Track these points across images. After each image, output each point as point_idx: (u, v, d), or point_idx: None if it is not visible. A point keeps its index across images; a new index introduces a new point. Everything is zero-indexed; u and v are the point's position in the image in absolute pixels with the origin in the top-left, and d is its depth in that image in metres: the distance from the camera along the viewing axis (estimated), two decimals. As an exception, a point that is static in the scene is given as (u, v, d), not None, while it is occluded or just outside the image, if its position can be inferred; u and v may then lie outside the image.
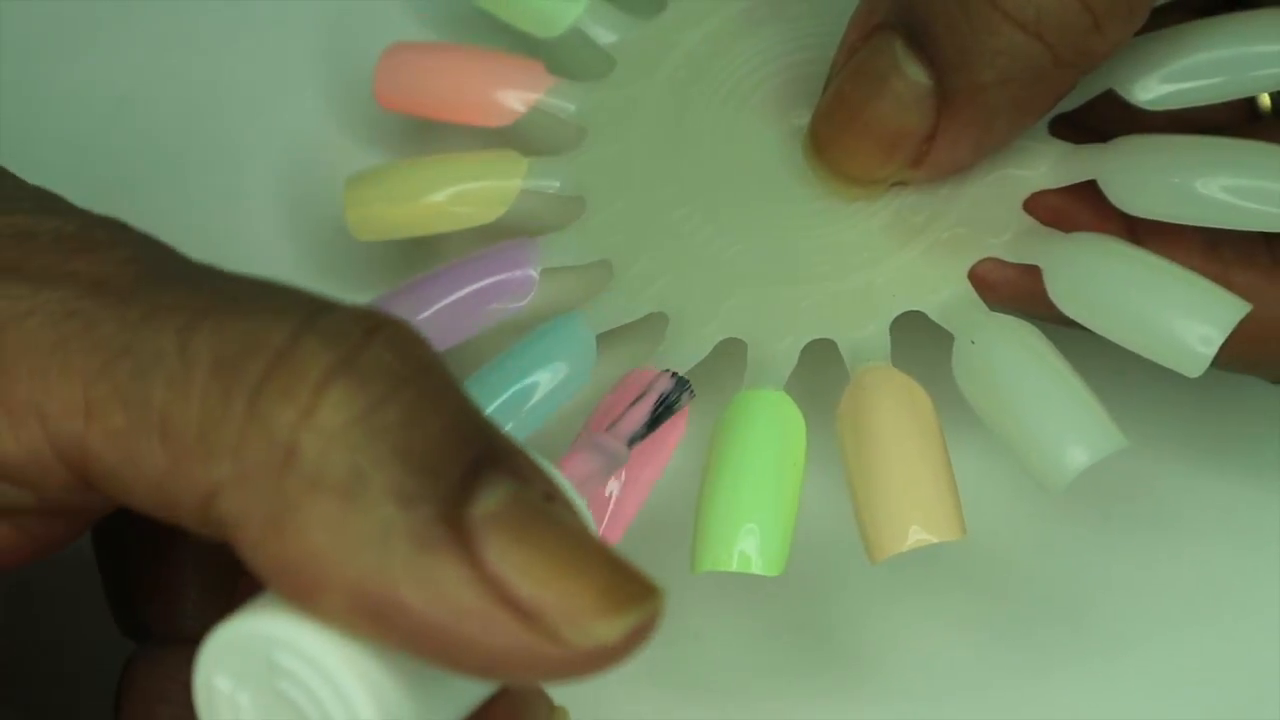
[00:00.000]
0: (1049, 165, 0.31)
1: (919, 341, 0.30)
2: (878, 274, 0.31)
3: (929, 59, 0.29)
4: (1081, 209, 0.31)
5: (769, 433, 0.29)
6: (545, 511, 0.21)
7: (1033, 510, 0.32)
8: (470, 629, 0.20)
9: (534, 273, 0.32)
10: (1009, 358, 0.29)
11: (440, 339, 0.31)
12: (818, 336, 0.30)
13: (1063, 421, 0.28)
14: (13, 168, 0.37)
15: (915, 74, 0.29)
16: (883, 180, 0.31)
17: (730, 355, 0.31)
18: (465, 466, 0.21)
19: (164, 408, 0.21)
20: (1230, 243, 0.30)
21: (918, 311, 0.30)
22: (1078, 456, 0.28)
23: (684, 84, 0.34)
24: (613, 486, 0.29)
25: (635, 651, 0.20)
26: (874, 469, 0.28)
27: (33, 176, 0.37)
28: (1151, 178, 0.29)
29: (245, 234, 0.36)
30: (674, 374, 0.29)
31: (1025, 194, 0.31)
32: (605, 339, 0.31)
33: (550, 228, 0.33)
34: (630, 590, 0.20)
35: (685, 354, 0.30)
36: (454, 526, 0.20)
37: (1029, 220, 0.30)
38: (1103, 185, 0.30)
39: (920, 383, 0.29)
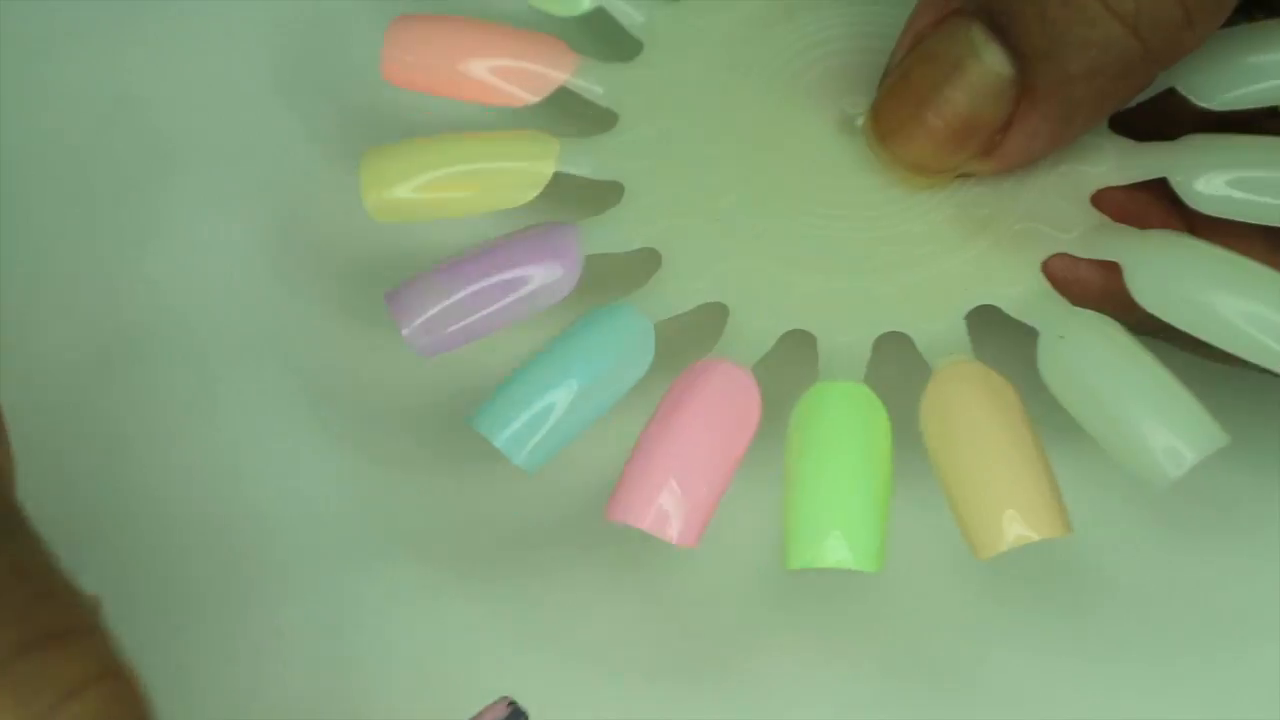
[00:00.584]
0: (1113, 161, 0.30)
1: (980, 338, 0.29)
2: (947, 266, 0.30)
3: (1012, 47, 0.28)
4: (1148, 206, 0.30)
5: (855, 424, 0.28)
6: None
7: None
8: None
9: (578, 259, 0.30)
10: (1102, 354, 0.28)
11: (477, 328, 0.30)
12: (891, 329, 0.29)
13: (1164, 419, 0.27)
14: (13, 167, 0.37)
15: (995, 62, 0.28)
16: (949, 170, 0.30)
17: (788, 349, 0.30)
18: None
19: None
20: None
21: (982, 308, 0.29)
22: (1183, 455, 0.27)
23: (721, 68, 0.33)
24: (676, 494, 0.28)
25: None
26: (970, 466, 0.28)
27: (33, 176, 0.37)
28: (1221, 178, 0.29)
29: (245, 234, 0.36)
30: (511, 702, 0.27)
31: (1092, 189, 0.30)
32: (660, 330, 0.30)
33: (582, 212, 0.31)
34: None
35: (748, 347, 0.29)
36: None
37: (1098, 216, 0.30)
38: (1174, 184, 0.29)
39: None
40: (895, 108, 0.30)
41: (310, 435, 0.33)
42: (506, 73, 0.33)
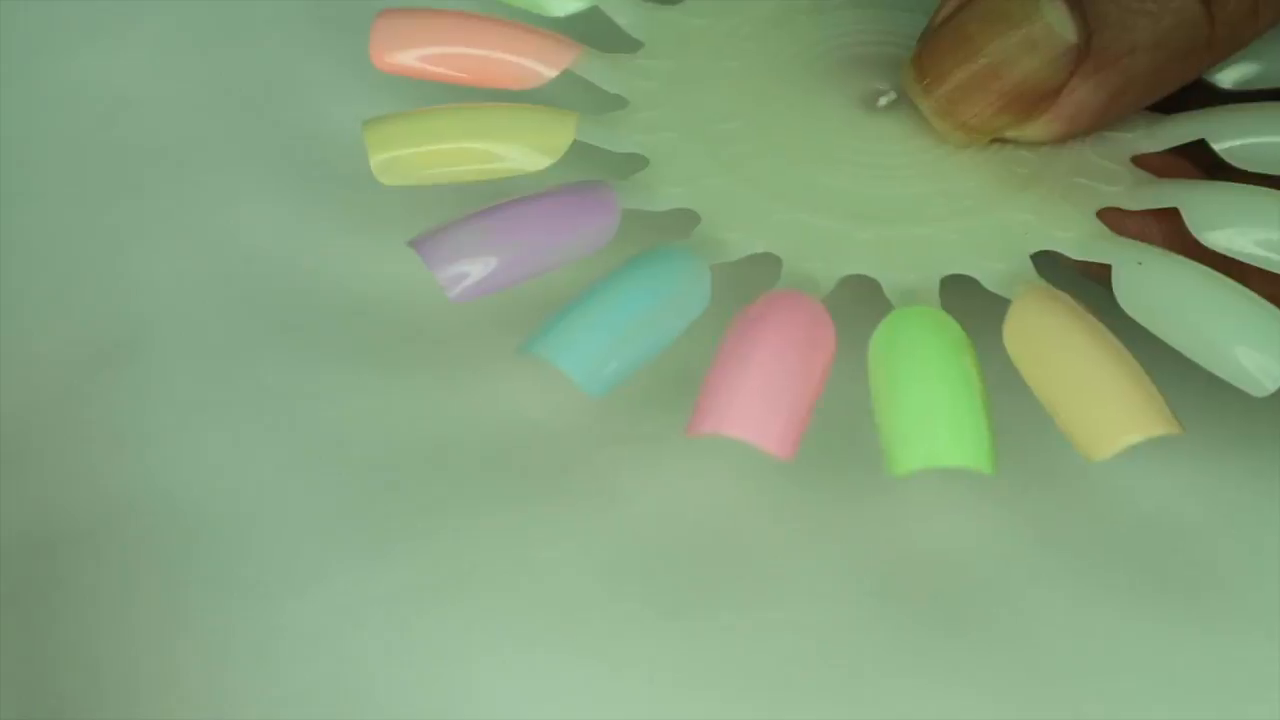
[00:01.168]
0: (1145, 129, 0.30)
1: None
2: (1002, 216, 0.30)
3: (1081, 10, 0.28)
4: (1187, 171, 0.30)
5: (943, 338, 0.28)
6: None
7: (1033, 511, 0.32)
8: None
9: (616, 209, 0.29)
10: (1185, 275, 0.28)
11: (513, 269, 0.29)
12: (957, 270, 0.29)
13: (1259, 329, 0.27)
14: (13, 167, 0.37)
15: (1062, 26, 0.28)
16: (989, 131, 0.30)
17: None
18: None
19: None
20: None
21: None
22: (1274, 371, 0.27)
23: (728, 58, 0.32)
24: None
25: None
26: (1071, 374, 0.27)
27: (32, 176, 0.37)
28: (1259, 139, 0.29)
29: (245, 234, 0.36)
30: None
31: (1130, 153, 0.30)
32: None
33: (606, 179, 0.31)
34: None
35: (805, 290, 0.29)
36: None
37: (1143, 173, 0.30)
38: (1213, 144, 0.29)
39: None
40: (944, 55, 0.29)
41: (303, 439, 0.33)
42: (508, 65, 0.32)
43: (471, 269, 0.29)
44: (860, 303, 0.29)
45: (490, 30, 0.32)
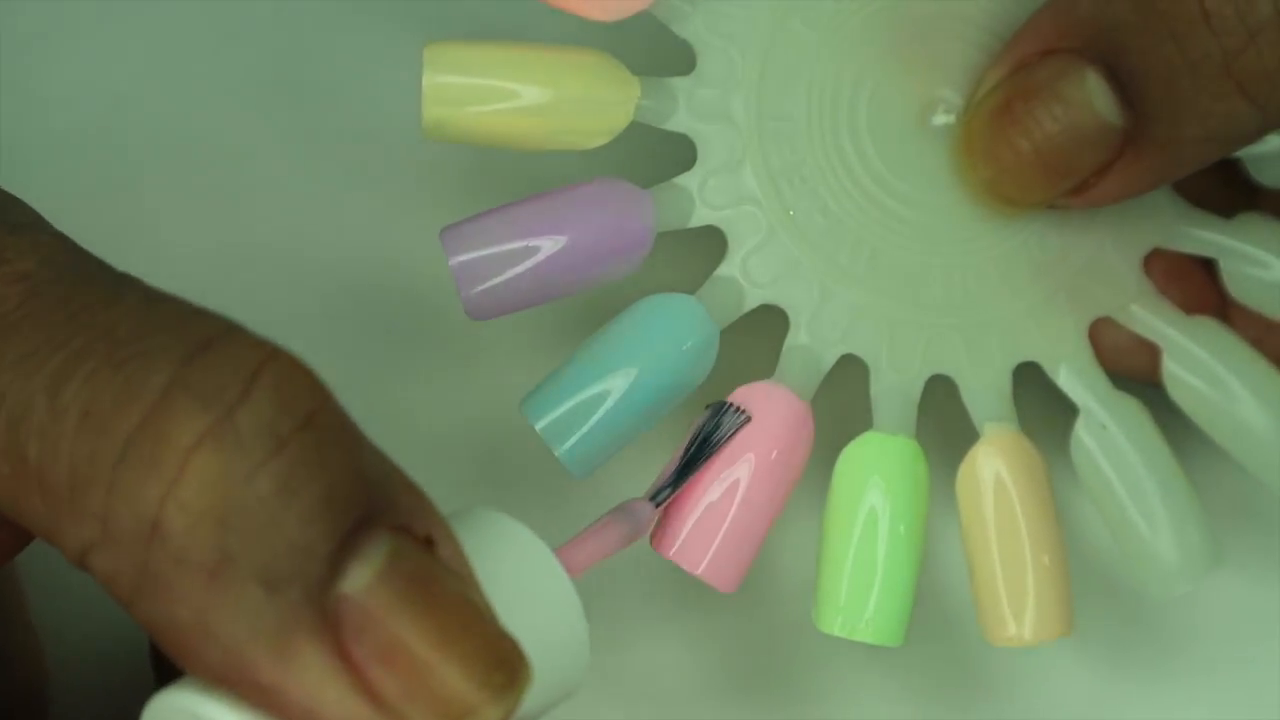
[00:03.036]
0: (1170, 223, 0.31)
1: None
2: (1002, 311, 0.30)
3: (1129, 102, 0.28)
4: (1192, 273, 0.31)
5: (905, 488, 0.29)
6: (424, 576, 0.20)
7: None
8: (329, 715, 0.20)
9: (650, 233, 0.29)
10: (1134, 460, 0.29)
11: (528, 293, 0.29)
12: (940, 372, 0.30)
13: (1172, 539, 0.29)
14: (12, 167, 0.37)
15: (1107, 111, 0.28)
16: (1036, 205, 0.30)
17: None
18: (340, 536, 0.20)
19: (38, 461, 0.20)
20: None
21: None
22: (1183, 580, 0.28)
23: (808, 21, 0.31)
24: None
25: None
26: (992, 558, 0.29)
27: (32, 176, 0.37)
28: (1268, 275, 0.30)
29: (246, 234, 0.36)
30: (712, 405, 0.28)
31: (1146, 249, 0.30)
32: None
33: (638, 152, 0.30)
34: (500, 679, 0.20)
35: (804, 367, 0.29)
36: (320, 612, 0.20)
37: (1147, 284, 0.30)
38: (1222, 269, 0.30)
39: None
40: (992, 137, 0.29)
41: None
42: None
43: (497, 294, 0.28)
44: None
45: None
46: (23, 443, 0.20)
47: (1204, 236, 0.30)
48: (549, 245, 0.28)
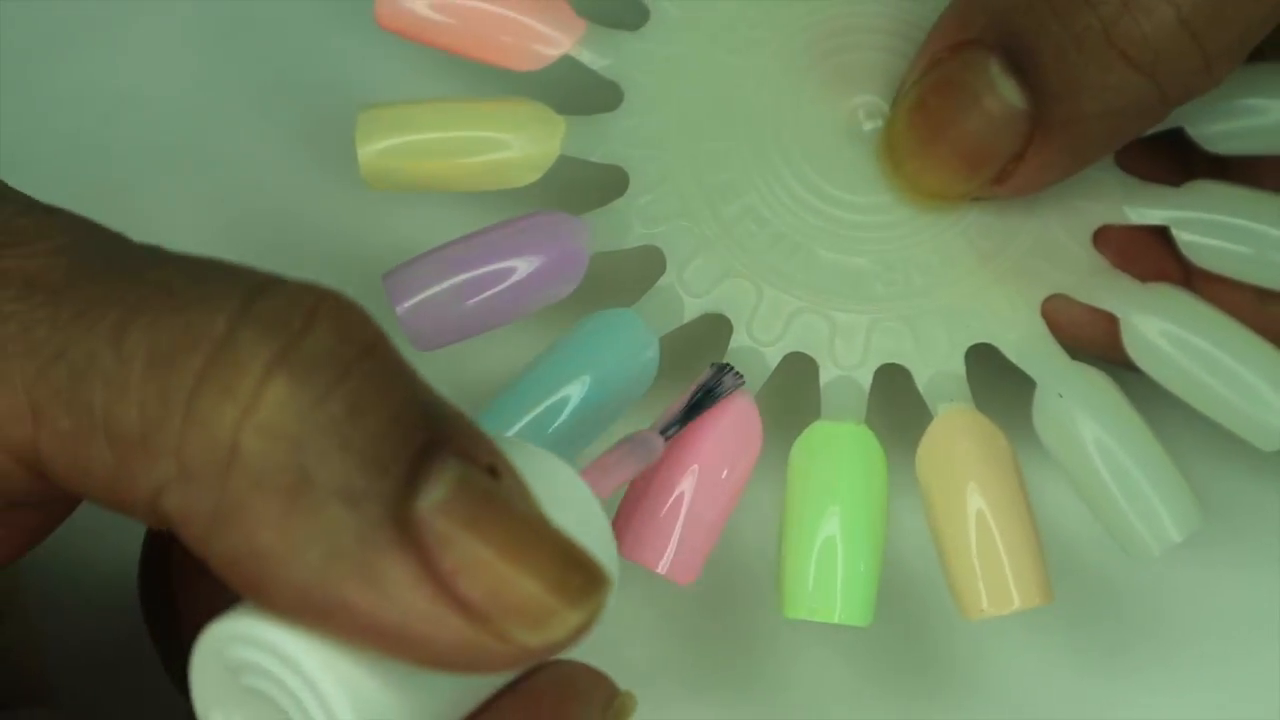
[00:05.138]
0: (1118, 198, 0.31)
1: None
2: (950, 299, 0.30)
3: (1029, 84, 0.28)
4: (1148, 248, 0.31)
5: (854, 473, 0.29)
6: (493, 496, 0.21)
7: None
8: (419, 629, 0.20)
9: (584, 259, 0.30)
10: (1095, 423, 0.29)
11: (473, 325, 0.30)
12: (892, 361, 0.30)
13: (1151, 497, 0.28)
14: (13, 167, 0.37)
15: (1011, 96, 0.29)
16: (960, 197, 0.30)
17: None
18: (413, 455, 0.20)
19: (105, 409, 0.20)
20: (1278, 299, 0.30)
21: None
22: (1167, 534, 0.28)
23: (731, 45, 0.32)
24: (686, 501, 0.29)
25: (583, 638, 0.21)
26: (960, 531, 0.28)
27: (32, 176, 0.37)
28: (1223, 235, 0.30)
29: (246, 233, 0.36)
30: (715, 364, 0.28)
31: (1094, 227, 0.31)
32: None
33: (577, 190, 0.31)
34: (579, 583, 0.21)
35: (750, 366, 0.30)
36: (402, 524, 0.20)
37: (1099, 259, 0.30)
38: (1175, 235, 0.30)
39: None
40: (911, 134, 0.30)
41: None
42: (512, 30, 0.31)
43: (439, 327, 0.29)
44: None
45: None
46: (87, 394, 0.20)
47: (1151, 210, 0.30)
48: (489, 279, 0.29)
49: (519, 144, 0.31)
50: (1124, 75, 0.28)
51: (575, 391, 0.29)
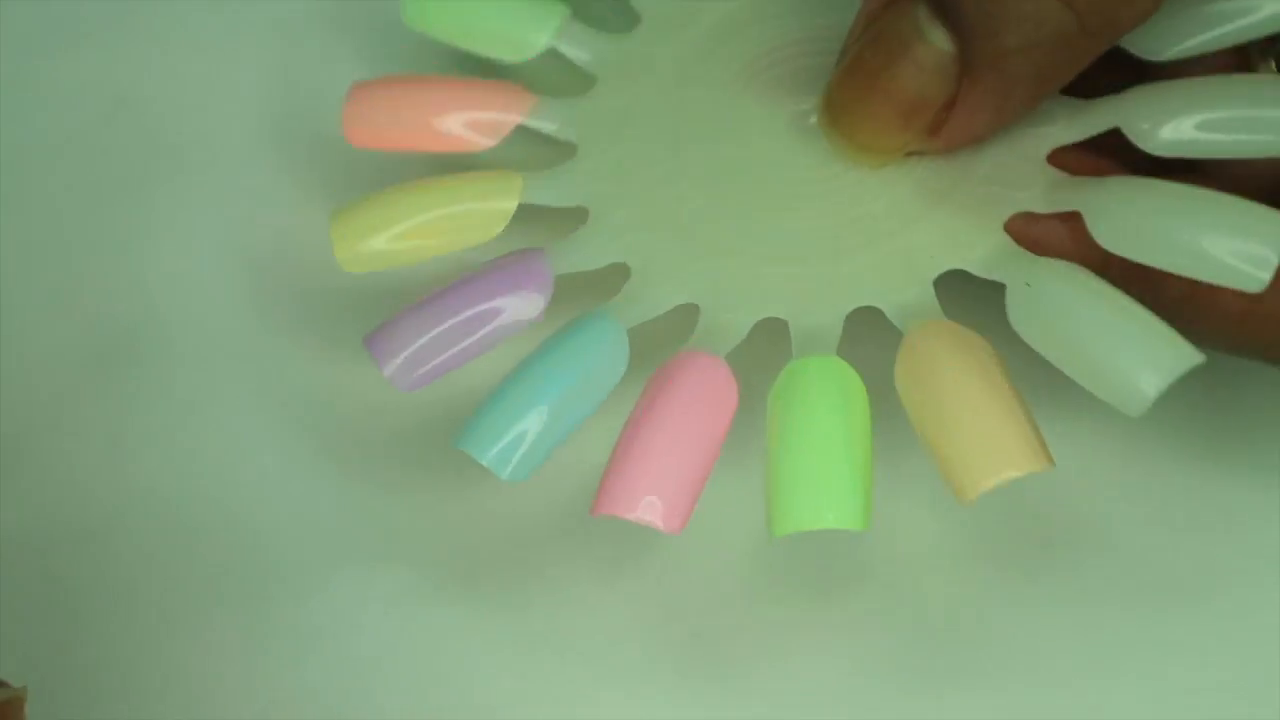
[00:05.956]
0: (1064, 120, 0.31)
1: (955, 313, 0.30)
2: (911, 239, 0.30)
3: (953, 25, 0.29)
4: (1103, 166, 0.31)
5: (831, 392, 0.29)
6: None
7: (1028, 511, 0.32)
8: None
9: (548, 282, 0.31)
10: (1068, 293, 0.29)
11: (456, 360, 0.31)
12: (861, 304, 0.30)
13: (1135, 347, 0.28)
14: (12, 167, 0.37)
15: (938, 40, 0.29)
16: (898, 149, 0.31)
17: (764, 343, 0.30)
18: None
19: None
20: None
21: (951, 279, 0.30)
22: (1154, 379, 0.27)
23: (673, 86, 0.34)
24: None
25: None
26: (945, 412, 0.28)
27: (32, 176, 0.37)
28: (1170, 122, 0.30)
29: (246, 233, 0.36)
30: None
31: (1047, 149, 0.31)
32: (634, 335, 0.31)
33: (553, 237, 0.32)
34: None
35: (720, 339, 0.30)
36: None
37: (1056, 173, 0.30)
38: (1127, 131, 0.30)
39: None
40: (845, 89, 0.30)
41: (305, 439, 0.33)
42: (466, 124, 0.33)
43: (418, 364, 0.30)
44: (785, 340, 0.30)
45: (447, 95, 0.34)
46: None
47: (1098, 114, 0.31)
48: (465, 326, 0.30)
49: (479, 207, 0.32)
50: (1040, 3, 0.28)
51: (551, 391, 0.29)
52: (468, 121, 0.33)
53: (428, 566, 0.32)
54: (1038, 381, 0.29)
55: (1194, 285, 0.29)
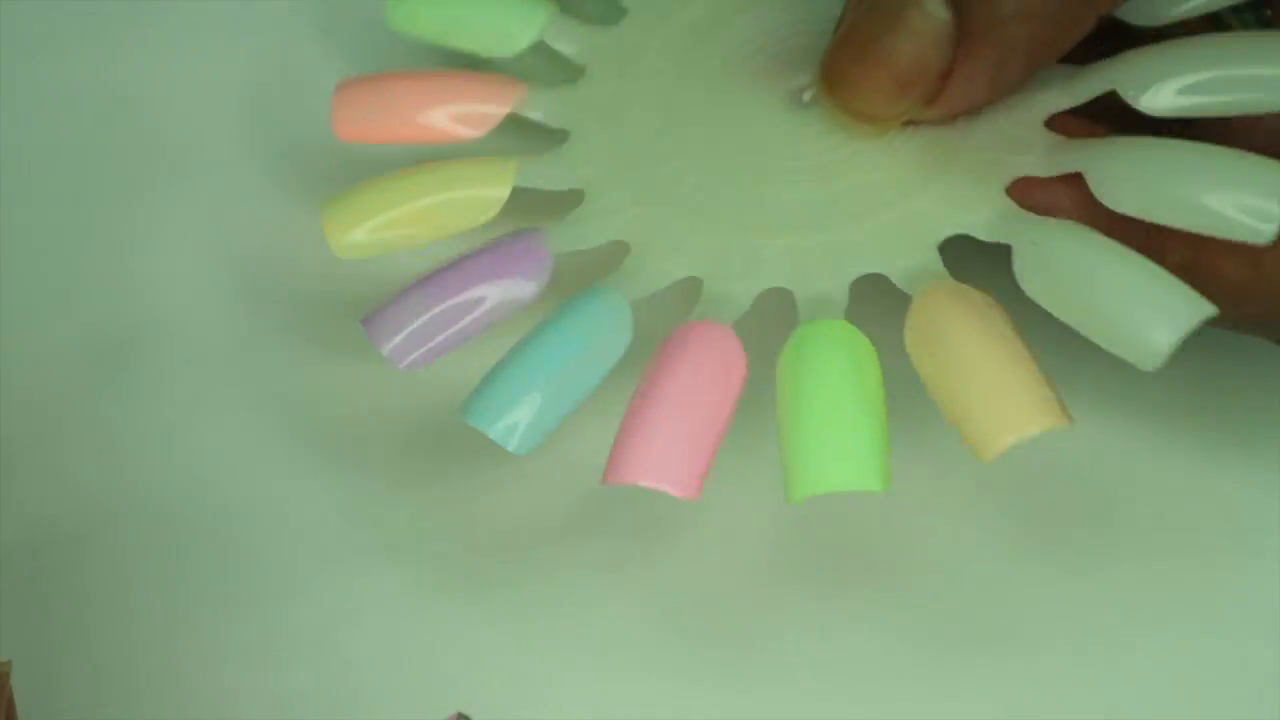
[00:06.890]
0: (1060, 85, 0.31)
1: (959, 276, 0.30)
2: (914, 206, 0.30)
3: None
4: (1099, 126, 0.31)
5: (841, 354, 0.28)
6: None
7: (1029, 509, 0.32)
8: None
9: (547, 261, 0.31)
10: (1075, 250, 0.28)
11: (455, 339, 0.31)
12: (866, 271, 0.30)
13: (1147, 300, 0.28)
14: (13, 167, 0.37)
15: (935, 8, 0.29)
16: (895, 118, 0.31)
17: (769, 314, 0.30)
18: None
19: None
20: None
21: (956, 246, 0.30)
22: (1168, 332, 0.27)
23: (664, 74, 0.34)
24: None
25: None
26: (965, 372, 0.28)
27: (32, 176, 0.37)
28: (1167, 83, 0.30)
29: (246, 234, 0.36)
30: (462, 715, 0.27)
31: (1044, 115, 0.31)
32: (637, 311, 0.30)
33: (551, 221, 0.32)
34: None
35: (725, 312, 0.30)
36: None
37: (1055, 136, 0.30)
38: (1122, 93, 0.30)
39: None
40: (842, 58, 0.30)
41: (304, 439, 0.33)
42: (457, 115, 0.33)
43: (417, 343, 0.30)
44: (790, 309, 0.30)
45: (436, 87, 0.34)
46: None
47: (1094, 78, 0.30)
48: (465, 305, 0.31)
49: (472, 193, 0.32)
50: None
51: (555, 363, 0.29)
52: (459, 113, 0.33)
53: (428, 566, 0.32)
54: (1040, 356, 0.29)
55: (1195, 254, 0.29)
